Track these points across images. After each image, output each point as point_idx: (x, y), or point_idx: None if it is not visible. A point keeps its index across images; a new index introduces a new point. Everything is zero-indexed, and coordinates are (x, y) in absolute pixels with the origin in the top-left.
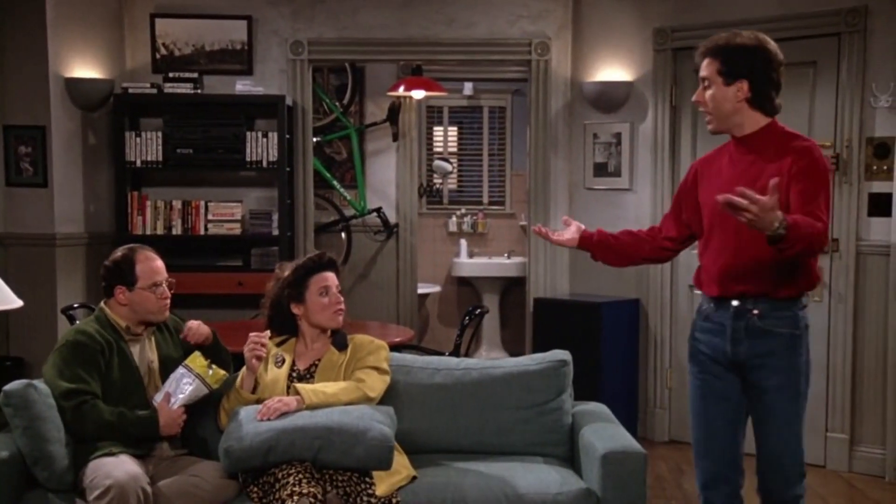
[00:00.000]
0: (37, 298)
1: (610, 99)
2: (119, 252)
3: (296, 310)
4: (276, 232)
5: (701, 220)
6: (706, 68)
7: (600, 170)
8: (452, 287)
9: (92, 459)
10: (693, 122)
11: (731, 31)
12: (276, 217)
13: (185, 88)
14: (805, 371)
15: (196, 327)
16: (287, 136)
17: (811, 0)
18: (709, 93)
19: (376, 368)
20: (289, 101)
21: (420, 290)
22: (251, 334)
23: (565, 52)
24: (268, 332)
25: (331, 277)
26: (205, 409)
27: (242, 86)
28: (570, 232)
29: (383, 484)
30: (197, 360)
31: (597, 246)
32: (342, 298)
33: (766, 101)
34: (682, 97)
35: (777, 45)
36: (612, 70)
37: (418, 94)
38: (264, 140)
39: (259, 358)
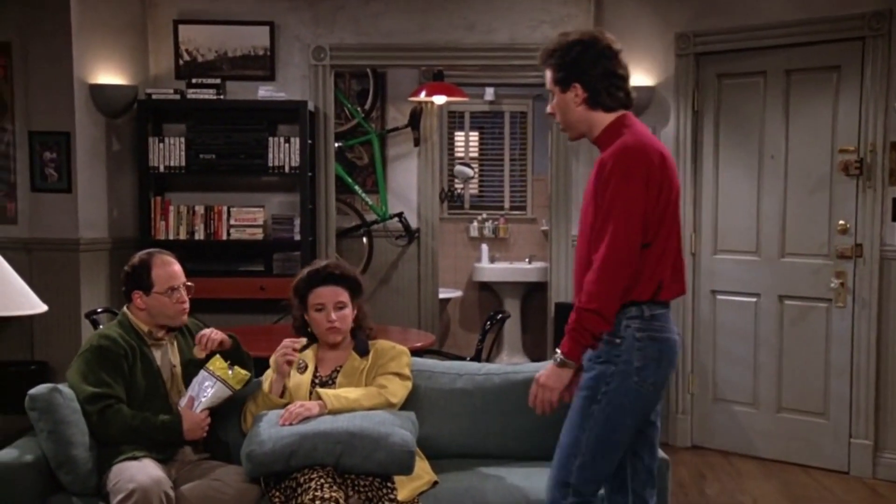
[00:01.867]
0: (61, 303)
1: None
2: (137, 257)
3: (307, 318)
4: (298, 237)
5: None
6: (547, 80)
7: None
8: (474, 292)
9: (115, 463)
10: (715, 126)
11: (561, 33)
12: (297, 222)
13: (207, 94)
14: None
15: (207, 337)
16: (309, 141)
17: (835, 4)
18: (553, 102)
19: (398, 374)
20: (311, 107)
21: (441, 295)
22: (286, 340)
23: None
24: (303, 340)
25: (327, 293)
26: (227, 414)
27: (265, 91)
28: None
29: (405, 489)
30: (217, 362)
31: None
32: (338, 316)
33: (606, 98)
34: (705, 102)
35: (610, 38)
36: (634, 75)
37: (440, 100)
38: (286, 145)
39: (290, 363)
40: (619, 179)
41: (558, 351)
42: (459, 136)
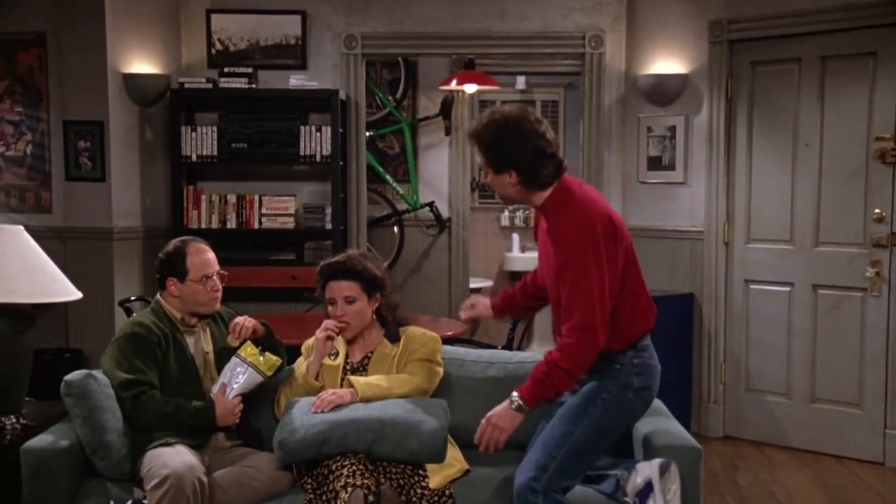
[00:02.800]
0: (95, 291)
1: (664, 92)
2: (171, 244)
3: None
4: (329, 226)
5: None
6: (477, 156)
7: (654, 163)
8: (504, 281)
9: (149, 449)
10: (749, 114)
11: (489, 111)
12: (329, 211)
13: (239, 83)
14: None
15: (240, 325)
16: (340, 130)
17: None
18: (489, 178)
19: (429, 361)
20: (342, 96)
21: (472, 285)
22: (328, 321)
23: (619, 45)
24: (342, 326)
25: (338, 288)
26: (259, 401)
27: (296, 80)
28: (478, 309)
29: (436, 476)
30: (248, 348)
31: (506, 308)
32: (348, 311)
33: (541, 178)
34: (738, 90)
35: (534, 115)
36: (667, 62)
37: (471, 88)
38: (318, 134)
39: (331, 339)
40: (579, 263)
41: (516, 394)
42: None
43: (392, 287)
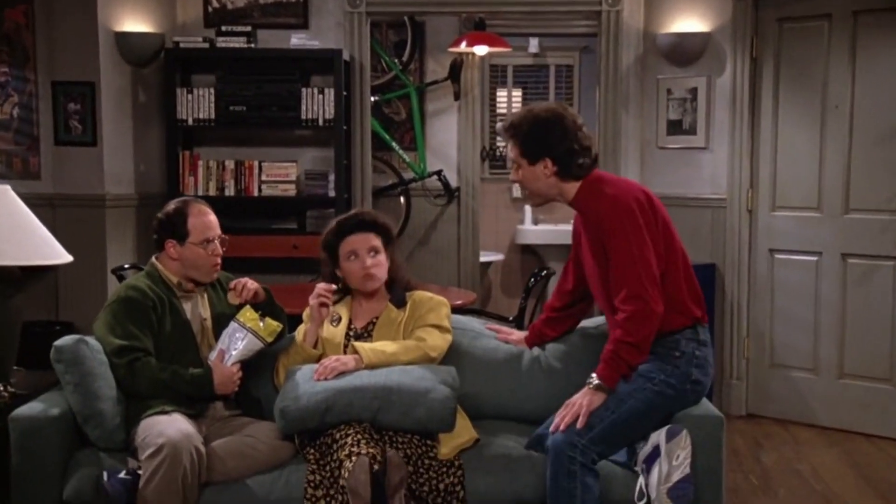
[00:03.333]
0: (86, 261)
1: (685, 51)
2: (172, 204)
3: (338, 273)
4: (332, 193)
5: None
6: (511, 150)
7: (674, 127)
8: (516, 255)
9: (144, 418)
10: (775, 74)
11: (526, 108)
12: (332, 178)
13: (238, 43)
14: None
15: (242, 283)
16: (344, 92)
17: None
18: (520, 172)
19: (437, 327)
20: (346, 56)
21: (482, 259)
22: (319, 285)
23: (637, 2)
24: (334, 286)
25: (360, 240)
26: (259, 369)
27: (297, 40)
28: (515, 336)
29: (445, 446)
30: (247, 313)
31: (544, 335)
32: (374, 262)
33: (575, 170)
34: (764, 49)
35: (573, 112)
36: (688, 20)
37: (481, 50)
38: (320, 97)
39: (325, 305)
40: (621, 231)
41: (594, 375)
42: (502, 94)
43: (397, 247)
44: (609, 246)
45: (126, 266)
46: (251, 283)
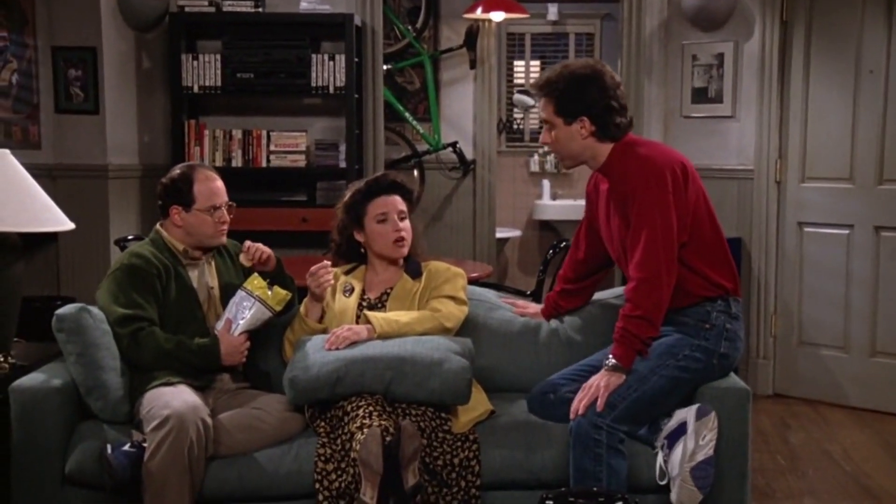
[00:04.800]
0: (88, 234)
1: (712, 15)
2: (177, 169)
3: (359, 237)
4: (343, 165)
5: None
6: (544, 109)
7: (699, 95)
8: (534, 231)
9: (149, 390)
10: (807, 39)
11: (561, 64)
12: (343, 148)
13: (245, 6)
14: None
15: (255, 246)
16: (356, 59)
17: None
18: (553, 133)
19: (453, 298)
20: (357, 21)
21: (498, 235)
22: (312, 267)
23: None
24: (327, 262)
25: (392, 202)
26: (267, 341)
27: (307, 3)
28: (532, 309)
29: (460, 420)
30: (255, 280)
31: (559, 307)
32: (404, 226)
33: (612, 129)
34: (795, 11)
35: (610, 70)
36: None
37: (497, 16)
38: (331, 63)
39: (325, 284)
40: (646, 192)
41: (611, 356)
42: (519, 65)
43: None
44: (631, 206)
45: (129, 237)
46: (266, 248)
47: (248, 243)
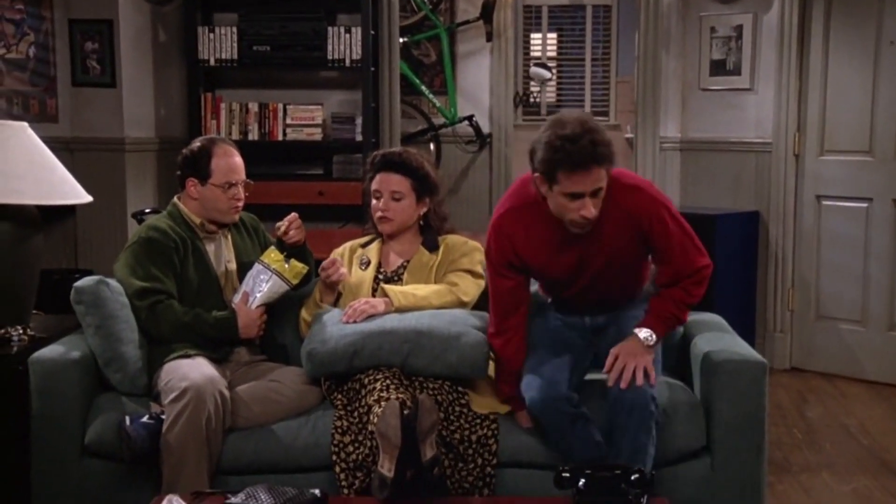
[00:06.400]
0: (105, 208)
1: None
2: (198, 142)
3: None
4: (359, 138)
5: None
6: (603, 178)
7: (718, 68)
8: None
9: (167, 362)
10: (826, 11)
11: (582, 126)
12: (359, 122)
13: None
14: None
15: (294, 224)
16: (372, 31)
17: None
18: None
19: (470, 272)
20: None
21: None
22: (324, 262)
23: None
24: (338, 259)
25: (386, 180)
26: (284, 315)
27: None
28: None
29: (481, 401)
30: (272, 254)
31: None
32: (390, 206)
33: None
34: None
35: None
36: None
37: None
38: (347, 36)
39: (336, 280)
40: (667, 213)
41: (648, 332)
42: (536, 38)
43: (444, 197)
44: (657, 230)
45: (147, 210)
46: (300, 232)
47: (293, 215)
